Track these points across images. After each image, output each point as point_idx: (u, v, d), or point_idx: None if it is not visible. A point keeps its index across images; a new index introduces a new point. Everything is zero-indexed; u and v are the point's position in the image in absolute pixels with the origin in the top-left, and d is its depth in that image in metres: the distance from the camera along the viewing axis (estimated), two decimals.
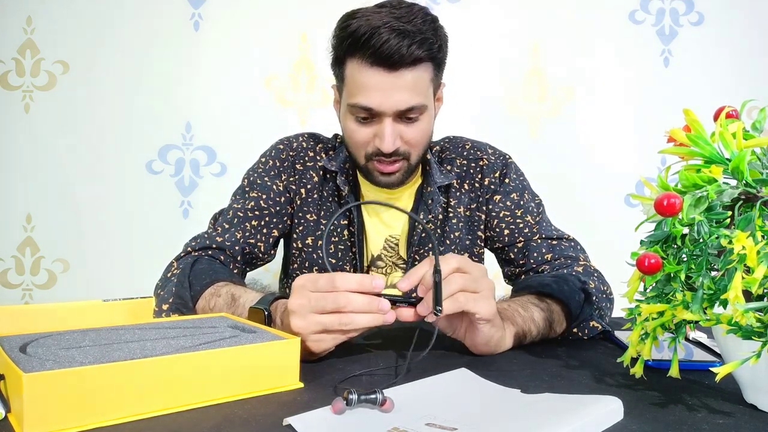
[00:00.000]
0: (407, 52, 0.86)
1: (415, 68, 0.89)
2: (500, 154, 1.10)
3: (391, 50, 0.85)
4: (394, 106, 0.90)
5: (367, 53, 0.86)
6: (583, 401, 0.52)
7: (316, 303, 0.62)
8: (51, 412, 0.45)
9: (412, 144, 0.95)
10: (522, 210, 1.04)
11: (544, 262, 0.98)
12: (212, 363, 0.53)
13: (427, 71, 0.92)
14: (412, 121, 0.93)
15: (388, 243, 1.06)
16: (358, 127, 0.94)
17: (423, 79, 0.91)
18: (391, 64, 0.86)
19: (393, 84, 0.88)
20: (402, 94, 0.89)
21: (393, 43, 0.84)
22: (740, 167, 0.51)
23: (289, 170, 1.06)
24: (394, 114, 0.91)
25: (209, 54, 1.74)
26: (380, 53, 0.85)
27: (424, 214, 1.02)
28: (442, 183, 1.03)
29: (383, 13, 0.87)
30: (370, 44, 0.85)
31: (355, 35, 0.87)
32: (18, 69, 1.71)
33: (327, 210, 1.05)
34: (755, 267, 0.47)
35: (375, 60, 0.87)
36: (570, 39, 1.79)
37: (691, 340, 0.82)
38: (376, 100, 0.89)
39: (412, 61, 0.87)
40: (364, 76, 0.89)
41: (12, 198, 1.71)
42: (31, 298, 1.73)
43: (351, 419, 0.49)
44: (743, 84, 1.77)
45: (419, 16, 0.88)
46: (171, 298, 0.85)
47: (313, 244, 1.05)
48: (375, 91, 0.89)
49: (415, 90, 0.90)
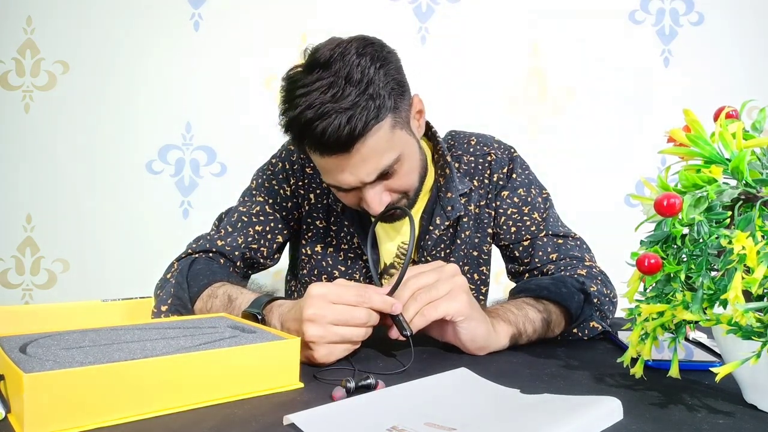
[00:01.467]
0: (349, 136, 0.78)
1: (367, 136, 0.80)
2: (506, 148, 1.07)
3: (333, 138, 0.78)
4: (363, 179, 0.84)
5: (313, 146, 0.82)
6: (582, 401, 0.52)
7: (340, 315, 0.64)
8: (51, 412, 0.45)
9: (403, 188, 0.90)
10: (529, 207, 1.02)
11: (549, 262, 0.97)
12: (212, 363, 0.53)
13: (384, 127, 0.83)
14: (392, 174, 0.87)
15: (400, 249, 1.03)
16: (343, 195, 0.91)
17: (382, 138, 0.83)
18: (339, 147, 0.80)
19: (352, 161, 0.82)
20: (366, 167, 0.83)
21: (331, 132, 0.77)
22: (740, 167, 0.51)
23: (299, 173, 1.03)
24: (370, 182, 0.86)
25: (209, 54, 1.74)
26: (324, 144, 0.79)
27: (441, 219, 0.99)
28: (463, 190, 1.00)
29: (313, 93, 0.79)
30: (312, 138, 0.80)
31: (293, 130, 0.82)
32: (18, 69, 1.71)
33: (337, 216, 1.02)
34: (755, 267, 0.47)
35: (323, 149, 0.81)
36: (570, 39, 1.79)
37: (691, 340, 0.82)
38: (344, 179, 0.85)
39: (359, 134, 0.79)
40: (322, 162, 0.85)
41: (12, 198, 1.71)
42: (31, 298, 1.73)
43: (351, 417, 0.49)
44: (743, 84, 1.77)
45: (351, 82, 0.79)
46: (169, 299, 0.85)
47: (323, 251, 1.03)
48: (338, 173, 0.84)
49: (378, 154, 0.83)
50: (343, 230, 1.02)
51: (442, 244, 1.02)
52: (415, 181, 0.92)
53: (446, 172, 1.00)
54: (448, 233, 1.02)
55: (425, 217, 1.01)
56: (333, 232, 1.02)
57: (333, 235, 1.02)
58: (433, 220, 0.99)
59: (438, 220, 0.99)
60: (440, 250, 1.02)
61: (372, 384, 0.57)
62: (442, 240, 1.02)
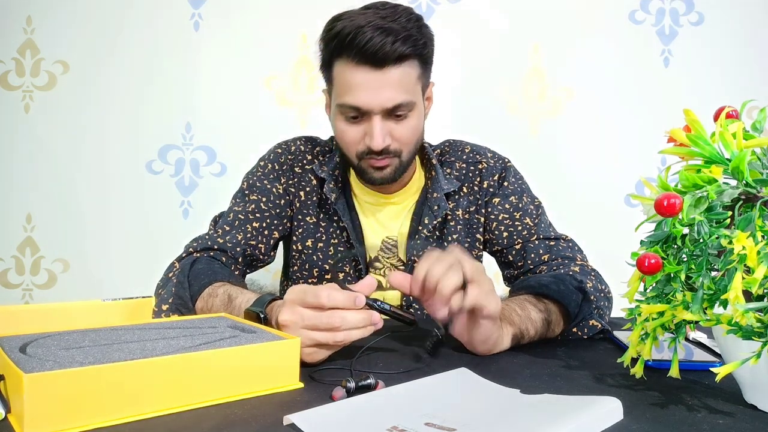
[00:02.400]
0: (391, 49, 0.87)
1: (400, 65, 0.89)
2: (499, 158, 1.11)
3: (375, 48, 0.86)
4: (381, 104, 0.90)
5: (352, 53, 0.88)
6: (582, 401, 0.52)
7: (309, 321, 0.63)
8: (51, 412, 0.45)
9: (403, 141, 0.95)
10: (520, 212, 1.05)
11: (541, 263, 0.99)
12: (212, 363, 0.53)
13: (414, 68, 0.92)
14: (401, 118, 0.93)
15: (385, 244, 1.06)
16: (348, 126, 0.95)
17: (410, 76, 0.92)
18: (376, 61, 0.87)
19: (379, 82, 0.89)
20: (389, 92, 0.90)
21: (377, 40, 0.85)
22: (740, 167, 0.51)
23: (288, 173, 1.06)
24: (383, 112, 0.91)
25: (209, 54, 1.74)
26: (365, 51, 0.86)
27: (429, 219, 1.02)
28: (448, 190, 1.04)
29: (368, 13, 0.88)
30: (354, 43, 0.86)
31: (339, 36, 0.88)
32: (18, 69, 1.71)
33: (325, 214, 1.06)
34: (755, 267, 0.47)
35: (360, 59, 0.88)
36: (570, 39, 1.79)
37: (691, 340, 0.82)
38: (363, 98, 0.90)
39: (397, 58, 0.88)
40: (351, 75, 0.90)
41: (12, 198, 1.71)
42: (31, 298, 1.73)
43: (351, 417, 0.49)
44: (743, 84, 1.77)
45: (403, 15, 0.89)
46: (171, 298, 0.85)
47: (313, 246, 1.05)
48: (362, 90, 0.89)
49: (401, 87, 0.90)
50: (332, 225, 1.05)
51: (429, 245, 1.04)
52: (413, 142, 0.97)
53: (432, 174, 1.05)
54: (435, 235, 1.05)
55: (414, 217, 1.04)
56: (323, 228, 1.05)
57: (323, 230, 1.05)
58: (422, 220, 1.03)
59: (426, 220, 1.02)
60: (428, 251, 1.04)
61: (372, 384, 0.57)
62: (430, 241, 1.05)
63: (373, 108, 0.90)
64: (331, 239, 1.05)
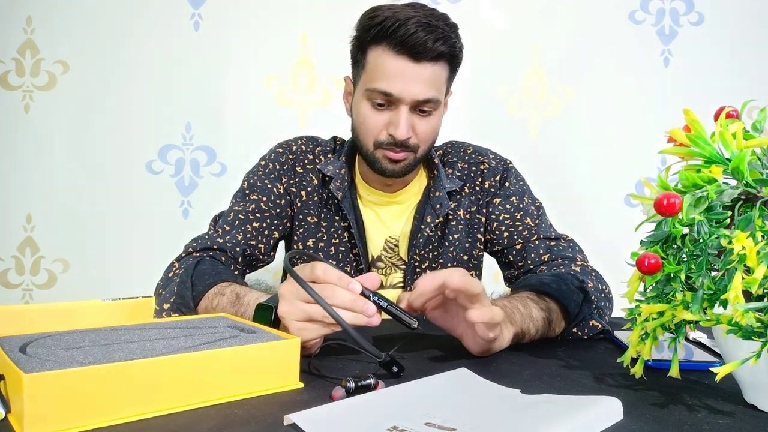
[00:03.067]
0: (432, 46, 0.90)
1: (436, 64, 0.93)
2: (501, 159, 1.12)
3: (419, 41, 0.89)
4: (413, 95, 0.92)
5: (395, 41, 0.90)
6: (582, 401, 0.52)
7: (303, 291, 0.62)
8: (51, 412, 0.45)
9: (422, 138, 0.97)
10: (521, 213, 1.05)
11: (541, 263, 0.99)
12: (212, 363, 0.53)
13: (445, 70, 0.96)
14: (426, 114, 0.96)
15: (387, 244, 1.06)
16: (373, 113, 0.96)
17: (441, 76, 0.95)
18: (416, 54, 0.90)
19: (415, 74, 0.91)
20: (422, 86, 0.92)
21: (420, 35, 0.89)
22: (740, 167, 0.51)
23: (289, 173, 1.06)
24: (411, 103, 0.93)
25: (209, 54, 1.74)
26: (407, 42, 0.89)
27: (432, 217, 1.03)
28: (450, 189, 1.05)
29: (411, 9, 0.92)
30: (399, 33, 0.89)
31: (384, 24, 0.91)
32: (18, 69, 1.71)
33: (327, 213, 1.06)
34: (755, 267, 0.47)
35: (401, 49, 0.90)
36: (570, 39, 1.79)
37: (691, 340, 0.82)
38: (397, 86, 0.92)
39: (435, 55, 0.91)
40: (388, 62, 0.92)
41: (12, 198, 1.71)
42: (31, 298, 1.73)
43: (351, 417, 0.49)
44: (743, 84, 1.76)
45: (443, 18, 0.94)
46: (172, 297, 0.85)
47: (314, 246, 1.05)
48: (397, 78, 0.92)
49: (433, 84, 0.93)
50: (333, 225, 1.05)
51: (430, 245, 1.06)
52: (430, 140, 1.00)
53: (434, 173, 1.06)
54: (436, 235, 1.06)
55: (417, 216, 1.05)
56: (324, 227, 1.05)
57: (324, 230, 1.05)
58: (424, 219, 1.03)
59: (429, 219, 1.03)
60: (429, 251, 1.06)
61: (372, 384, 0.57)
62: (431, 241, 1.05)
63: (404, 97, 0.92)
64: (333, 239, 1.05)
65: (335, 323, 0.61)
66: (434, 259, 1.06)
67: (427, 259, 1.06)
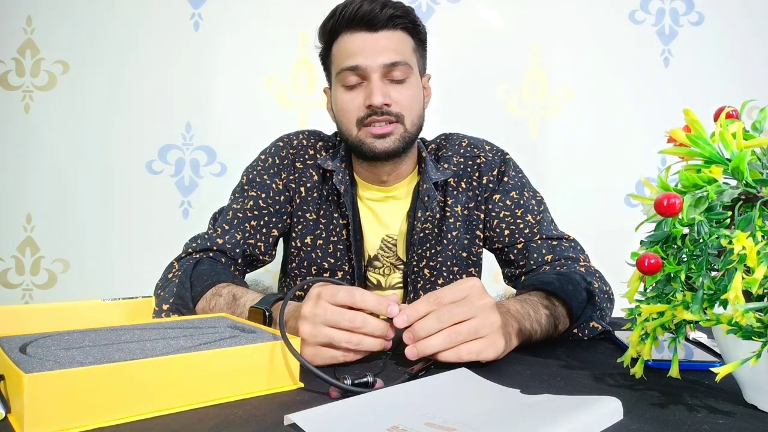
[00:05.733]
0: (382, 12, 0.94)
1: (394, 31, 0.96)
2: (497, 151, 1.09)
3: (367, 11, 0.94)
4: (378, 61, 0.94)
5: (347, 22, 0.95)
6: (582, 401, 0.52)
7: (331, 316, 0.63)
8: (51, 412, 0.45)
9: (403, 104, 0.97)
10: (522, 209, 1.03)
11: (544, 263, 0.98)
12: (212, 363, 0.53)
13: (407, 40, 0.99)
14: (400, 82, 0.97)
15: (385, 243, 1.06)
16: (348, 94, 0.97)
17: (404, 42, 0.98)
18: (370, 24, 0.94)
19: (375, 42, 0.95)
20: (385, 51, 0.95)
21: (366, 6, 0.94)
22: (740, 167, 0.51)
23: (289, 168, 1.05)
24: (381, 70, 0.95)
25: (209, 54, 1.74)
26: (357, 15, 0.94)
27: (422, 212, 1.01)
28: (437, 180, 1.03)
29: None
30: (347, 14, 0.95)
31: (334, 16, 0.96)
32: (18, 69, 1.71)
33: (326, 209, 1.05)
34: (755, 267, 0.47)
35: (354, 26, 0.95)
36: (570, 39, 1.79)
37: (691, 340, 0.82)
38: (360, 58, 0.95)
39: (389, 22, 0.95)
40: (348, 42, 0.96)
41: (12, 198, 1.71)
42: (31, 298, 1.73)
43: (351, 417, 0.49)
44: (743, 84, 1.77)
45: None
46: (171, 298, 0.85)
47: (312, 243, 1.05)
48: (359, 52, 0.95)
49: (396, 49, 0.96)
50: (332, 222, 1.04)
51: (427, 243, 1.04)
52: (415, 109, 0.99)
53: (422, 166, 1.05)
54: (434, 232, 1.04)
55: (410, 214, 1.04)
56: (323, 224, 1.05)
57: (322, 227, 1.05)
58: (417, 216, 1.02)
59: (419, 213, 1.02)
60: (427, 249, 1.05)
61: (370, 382, 0.57)
62: (429, 239, 1.04)
63: (370, 65, 0.94)
64: (331, 236, 1.04)
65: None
66: (432, 257, 1.05)
67: (425, 258, 1.05)
